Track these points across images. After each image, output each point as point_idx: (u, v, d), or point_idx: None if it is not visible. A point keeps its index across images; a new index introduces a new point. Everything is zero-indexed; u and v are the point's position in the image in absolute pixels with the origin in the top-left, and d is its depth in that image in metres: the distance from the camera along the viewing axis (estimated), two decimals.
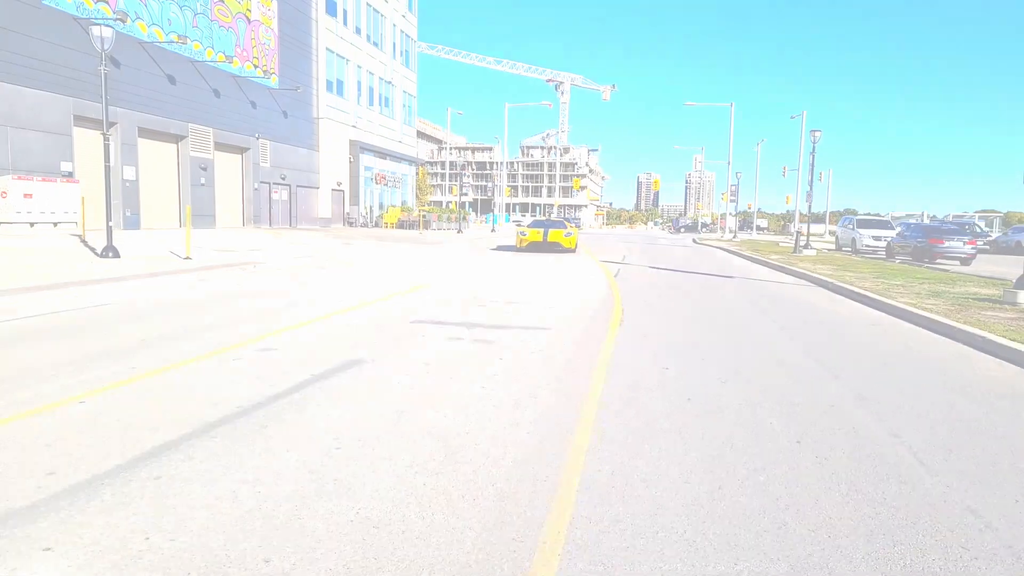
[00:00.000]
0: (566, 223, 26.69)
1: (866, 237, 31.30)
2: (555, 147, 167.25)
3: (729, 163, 52.93)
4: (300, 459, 4.06)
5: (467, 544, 3.06)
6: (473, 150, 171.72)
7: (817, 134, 27.37)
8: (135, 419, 4.73)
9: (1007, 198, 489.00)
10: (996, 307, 11.08)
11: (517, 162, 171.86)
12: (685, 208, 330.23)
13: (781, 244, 38.37)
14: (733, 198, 53.38)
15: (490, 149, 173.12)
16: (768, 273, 19.24)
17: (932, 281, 15.88)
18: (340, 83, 44.36)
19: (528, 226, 25.37)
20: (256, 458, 4.05)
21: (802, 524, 3.36)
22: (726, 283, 16.13)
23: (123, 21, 24.30)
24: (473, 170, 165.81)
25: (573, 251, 23.31)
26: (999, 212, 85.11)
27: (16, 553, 2.88)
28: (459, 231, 46.34)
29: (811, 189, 28.01)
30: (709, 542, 3.16)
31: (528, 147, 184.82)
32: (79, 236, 20.99)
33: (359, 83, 46.99)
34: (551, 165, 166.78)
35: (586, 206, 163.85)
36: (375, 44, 49.47)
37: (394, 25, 52.84)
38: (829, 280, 15.86)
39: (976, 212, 69.16)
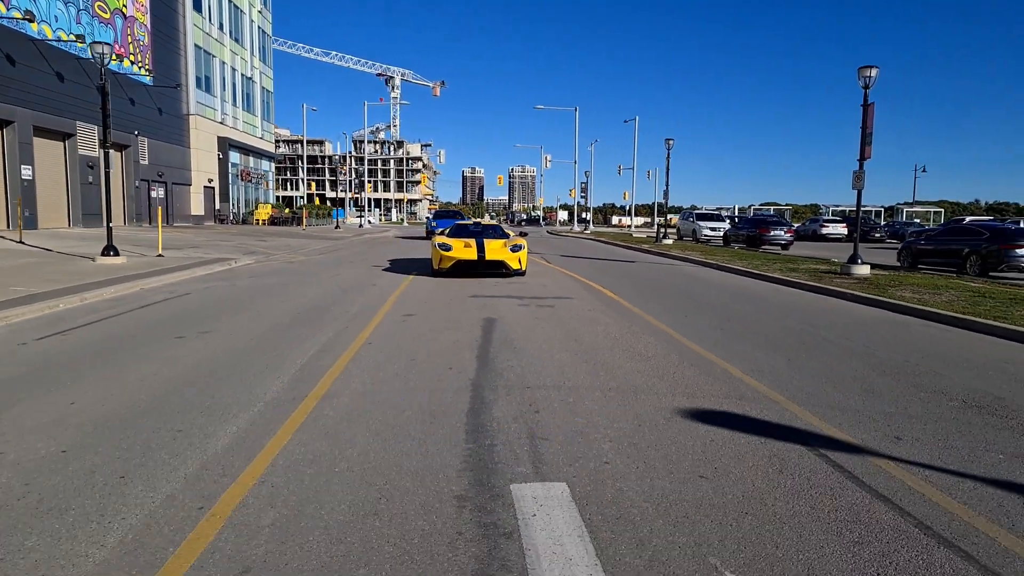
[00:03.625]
0: (503, 228, 18.02)
1: (705, 228, 37.48)
2: (388, 142, 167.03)
3: (575, 162, 58.73)
4: (567, 358, 7.17)
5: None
6: (303, 143, 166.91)
7: (671, 142, 32.74)
8: (446, 319, 7.53)
9: (783, 192, 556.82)
10: (840, 278, 16.03)
11: (350, 156, 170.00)
12: (509, 203, 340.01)
13: (634, 235, 44.02)
14: (583, 194, 59.13)
15: (321, 143, 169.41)
16: (657, 258, 23.82)
17: (780, 261, 21.09)
18: (208, 79, 44.11)
19: (449, 235, 16.55)
20: (551, 361, 7.09)
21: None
22: (638, 266, 20.34)
23: (30, 20, 24.19)
24: (304, 164, 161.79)
25: (523, 274, 15.39)
26: (780, 204, 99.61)
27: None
28: (336, 227, 47.74)
29: (667, 188, 33.42)
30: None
31: (359, 140, 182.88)
32: (6, 237, 20.97)
33: (223, 79, 46.78)
34: (385, 160, 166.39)
35: (422, 200, 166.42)
36: (236, 40, 49.29)
37: (252, 21, 52.71)
38: (711, 261, 20.58)
39: (760, 204, 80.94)
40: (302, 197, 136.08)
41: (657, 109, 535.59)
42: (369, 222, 68.37)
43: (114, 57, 32.58)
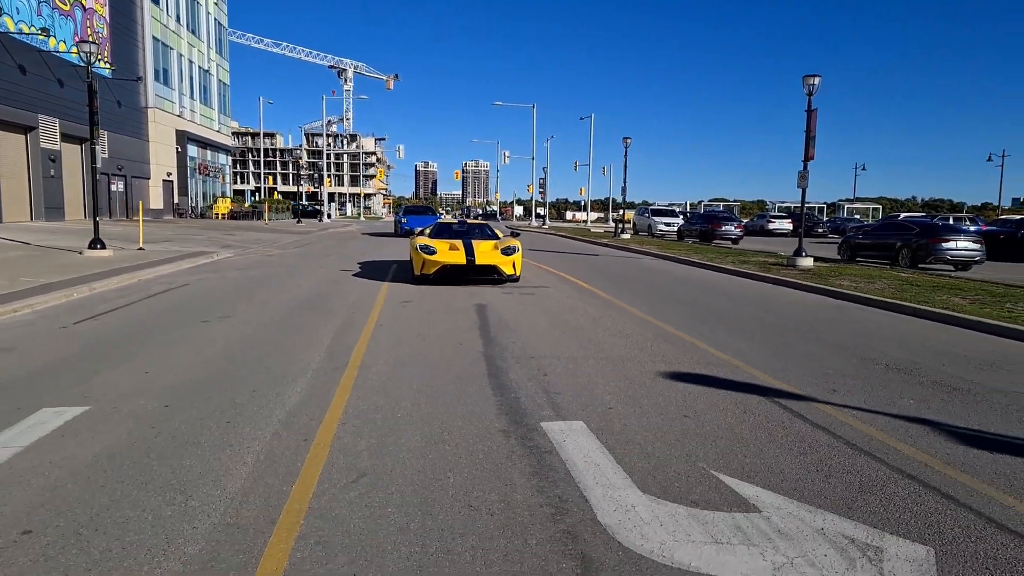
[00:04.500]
0: (491, 228, 15.92)
1: (660, 224, 39.15)
2: (340, 135, 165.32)
3: (533, 158, 59.98)
4: (558, 335, 8.30)
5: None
6: (252, 136, 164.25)
7: (628, 140, 34.16)
8: (440, 305, 8.58)
9: (732, 189, 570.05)
10: (786, 269, 17.56)
11: (303, 149, 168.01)
12: (463, 197, 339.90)
13: (592, 230, 45.46)
14: (541, 190, 60.42)
15: (273, 136, 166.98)
16: (618, 252, 25.18)
17: (732, 255, 22.64)
18: (166, 72, 43.88)
19: (431, 235, 14.85)
20: (539, 336, 8.21)
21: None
22: (602, 259, 21.63)
23: None
24: (253, 157, 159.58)
25: (516, 280, 13.77)
26: (728, 200, 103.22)
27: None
28: (298, 221, 48.02)
29: (625, 184, 34.88)
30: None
31: (311, 133, 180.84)
32: None
33: (181, 72, 46.53)
34: (338, 155, 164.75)
35: (376, 194, 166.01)
36: (193, 32, 49.01)
37: (208, 13, 52.40)
38: (669, 255, 22.00)
39: (710, 200, 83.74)
40: (253, 191, 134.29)
41: (611, 107, 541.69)
42: (328, 216, 68.47)
43: (74, 49, 32.42)
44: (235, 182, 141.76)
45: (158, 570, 2.90)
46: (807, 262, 18.01)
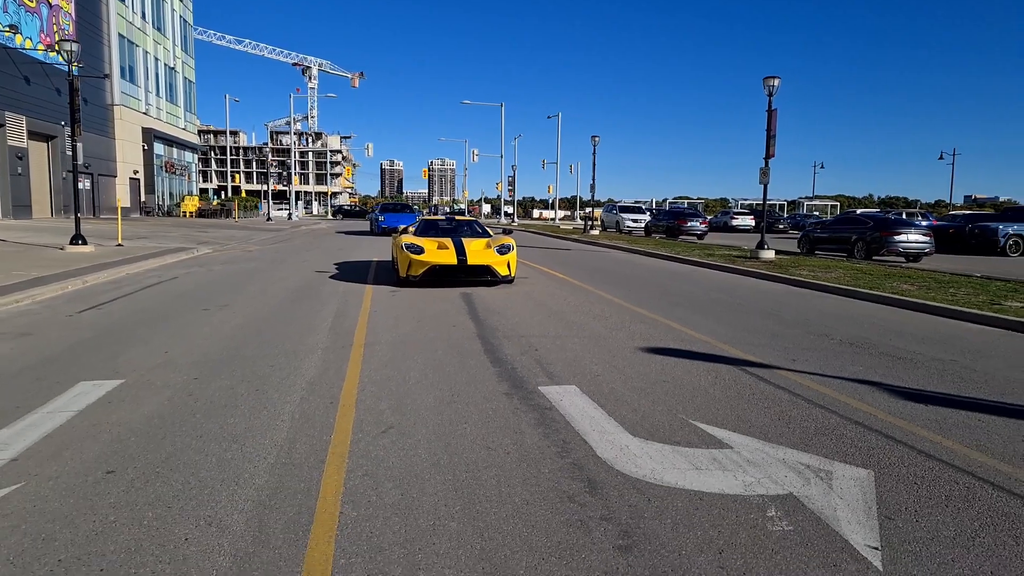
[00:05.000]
0: (480, 224, 15.02)
1: (628, 220, 40.09)
2: (305, 133, 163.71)
3: (501, 156, 60.66)
4: (542, 319, 8.93)
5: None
6: (215, 134, 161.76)
7: (596, 139, 34.99)
8: (428, 294, 9.15)
9: (695, 187, 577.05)
10: (750, 261, 18.47)
11: (268, 148, 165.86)
12: (429, 196, 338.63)
13: (561, 227, 46.23)
14: (510, 188, 61.07)
15: (236, 134, 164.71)
16: (589, 247, 25.94)
17: (698, 248, 23.55)
18: (131, 70, 43.52)
19: (418, 233, 13.72)
20: (525, 319, 8.84)
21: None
22: (575, 253, 22.35)
23: None
24: (216, 155, 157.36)
25: (511, 281, 12.65)
26: (692, 197, 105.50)
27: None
28: (268, 219, 47.97)
29: (594, 182, 35.67)
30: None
31: (276, 132, 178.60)
32: None
33: (147, 69, 46.14)
34: (303, 153, 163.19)
35: (342, 192, 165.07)
36: (159, 29, 48.60)
37: (174, 10, 51.97)
38: (638, 249, 22.81)
39: (674, 198, 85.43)
40: (216, 189, 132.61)
41: (578, 106, 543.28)
42: (297, 215, 68.17)
43: (40, 47, 32.19)
44: (199, 180, 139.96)
45: (235, 496, 3.46)
46: (769, 255, 18.94)
